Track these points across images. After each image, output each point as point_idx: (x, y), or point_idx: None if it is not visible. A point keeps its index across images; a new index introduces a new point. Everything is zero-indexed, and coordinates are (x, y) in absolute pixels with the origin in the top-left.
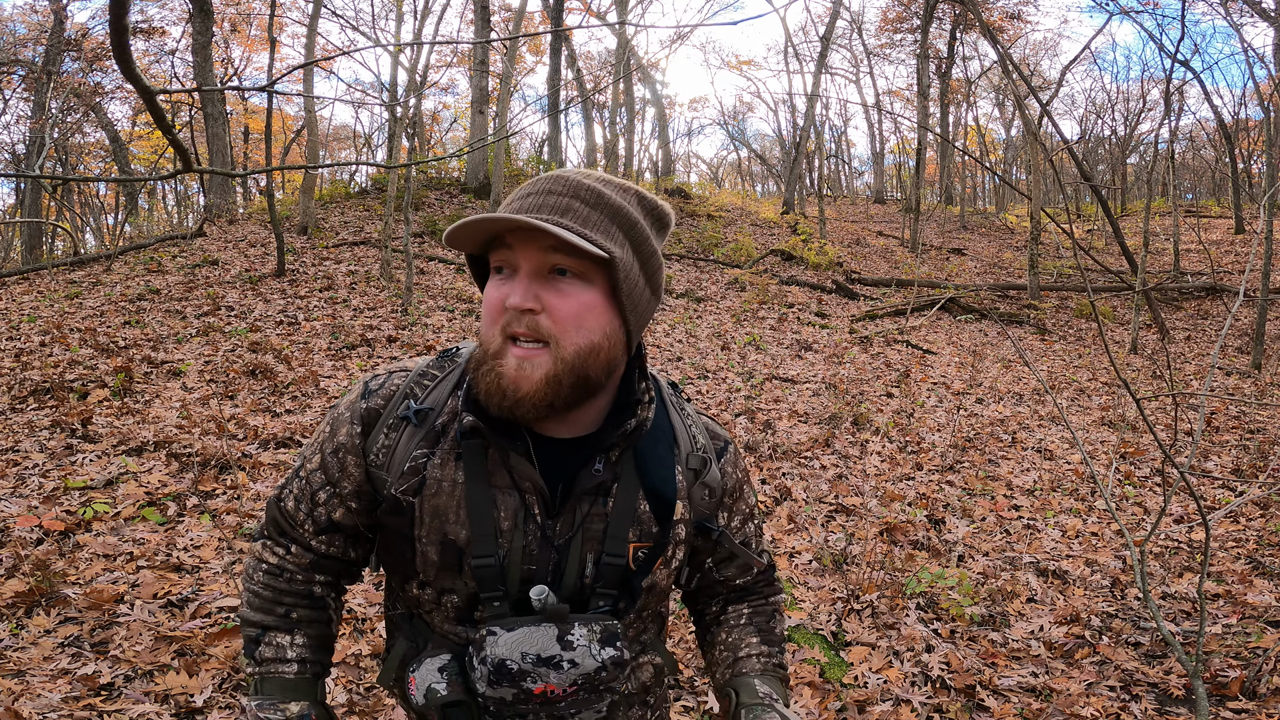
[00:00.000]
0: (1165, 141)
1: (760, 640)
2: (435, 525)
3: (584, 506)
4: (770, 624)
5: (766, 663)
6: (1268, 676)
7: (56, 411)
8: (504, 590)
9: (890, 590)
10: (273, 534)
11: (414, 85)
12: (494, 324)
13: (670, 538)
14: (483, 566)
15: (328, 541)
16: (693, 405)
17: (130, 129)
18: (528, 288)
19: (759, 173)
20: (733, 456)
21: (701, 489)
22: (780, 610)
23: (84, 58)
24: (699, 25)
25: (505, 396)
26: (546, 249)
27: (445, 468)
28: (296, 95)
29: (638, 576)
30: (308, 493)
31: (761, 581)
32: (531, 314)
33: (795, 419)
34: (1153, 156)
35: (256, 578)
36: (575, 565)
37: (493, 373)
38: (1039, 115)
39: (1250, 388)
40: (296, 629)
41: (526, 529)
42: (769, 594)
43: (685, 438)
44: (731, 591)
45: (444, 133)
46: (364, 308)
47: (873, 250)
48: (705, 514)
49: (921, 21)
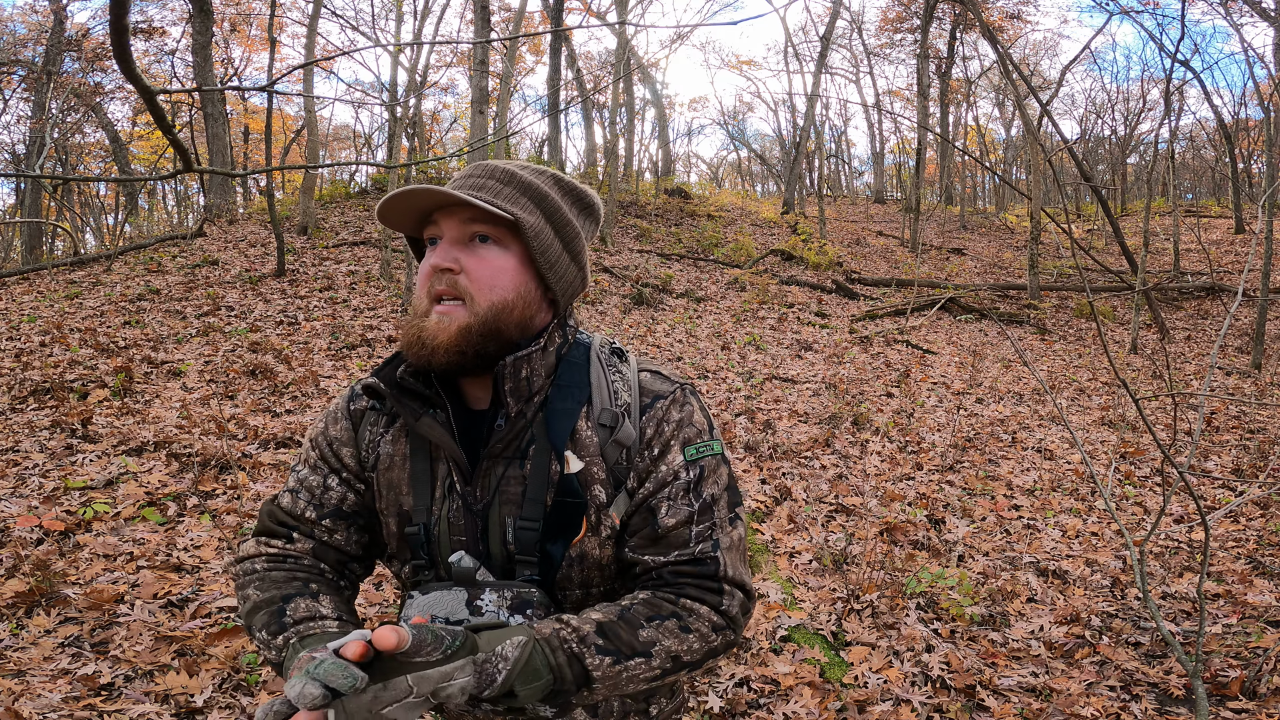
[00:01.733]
0: (1165, 141)
1: (600, 621)
2: (391, 498)
3: (499, 469)
4: (645, 620)
5: (561, 637)
6: (1268, 676)
7: (56, 411)
8: (428, 558)
9: (890, 590)
10: (269, 530)
11: (414, 85)
12: (423, 288)
13: (587, 500)
14: (410, 534)
15: (330, 529)
16: (637, 364)
17: (130, 129)
18: (447, 251)
19: (759, 173)
20: (658, 411)
21: (615, 448)
22: (686, 618)
23: (84, 58)
24: (699, 25)
25: (423, 346)
26: (466, 220)
27: (395, 443)
28: (296, 95)
29: (555, 543)
30: (307, 484)
31: (686, 576)
32: (450, 273)
33: (795, 419)
34: (1153, 156)
35: (258, 567)
36: (497, 531)
37: (415, 327)
38: (1039, 115)
39: (1250, 388)
40: (322, 594)
41: (451, 498)
42: (687, 593)
43: (603, 395)
44: (646, 574)
45: (444, 133)
46: (364, 308)
47: (873, 250)
48: (621, 475)
49: (921, 21)
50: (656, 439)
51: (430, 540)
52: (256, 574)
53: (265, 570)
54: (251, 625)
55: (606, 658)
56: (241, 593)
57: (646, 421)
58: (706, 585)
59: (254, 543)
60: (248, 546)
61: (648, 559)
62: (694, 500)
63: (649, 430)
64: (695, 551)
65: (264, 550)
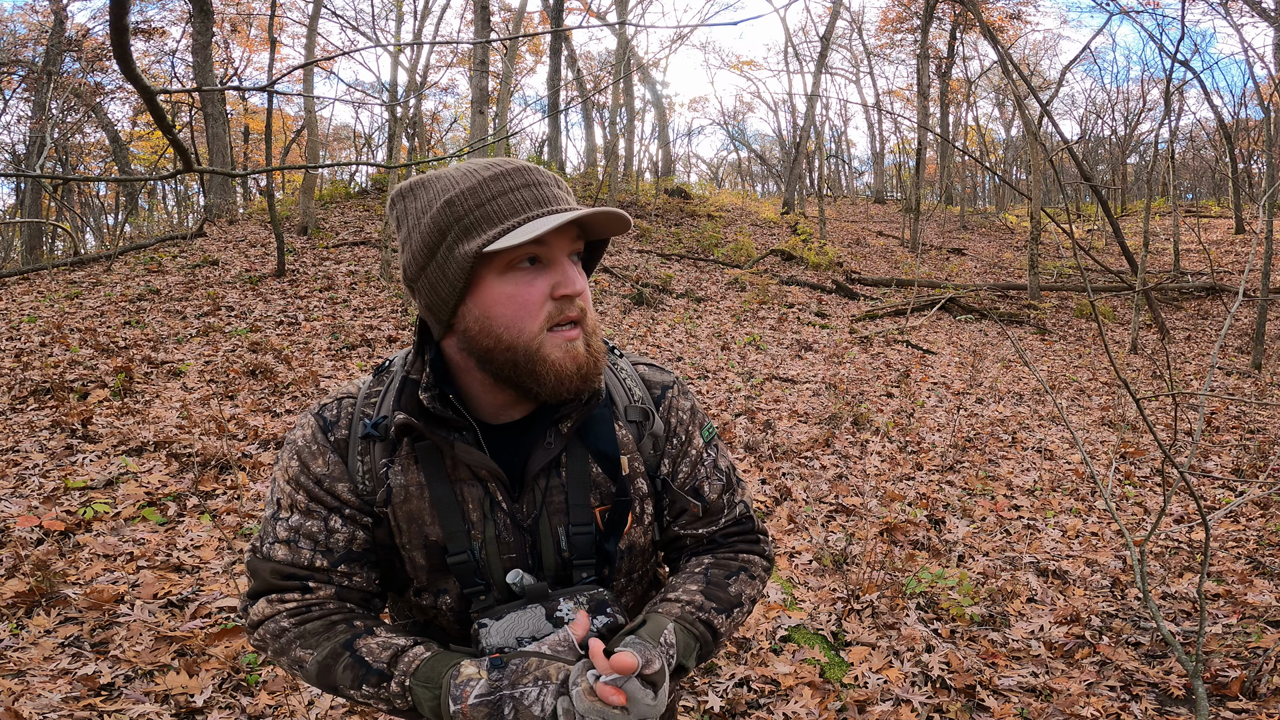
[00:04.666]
0: (1165, 141)
1: (700, 590)
2: (414, 530)
3: (541, 482)
4: (727, 579)
5: (687, 611)
6: (1268, 676)
7: (56, 411)
8: (485, 582)
9: (890, 590)
10: (275, 586)
11: (414, 85)
12: (534, 317)
13: (633, 494)
14: (459, 563)
15: (347, 573)
16: (628, 357)
17: (130, 129)
18: (576, 272)
19: (759, 173)
20: (671, 401)
21: (649, 440)
22: (750, 569)
23: (84, 58)
24: (699, 25)
25: (584, 378)
26: (574, 236)
27: (407, 473)
28: (296, 95)
29: (610, 540)
30: (305, 531)
31: (734, 535)
32: (581, 297)
33: (795, 419)
34: (1153, 156)
35: (286, 625)
36: (549, 542)
37: (566, 354)
38: (1039, 115)
39: (1250, 388)
40: (375, 627)
41: (495, 517)
42: (740, 549)
43: (621, 393)
44: (698, 544)
45: (444, 133)
46: (364, 308)
47: (873, 250)
48: (653, 465)
49: (921, 21)
50: (680, 426)
51: (479, 564)
52: (290, 632)
53: (297, 626)
54: (337, 685)
55: (723, 615)
56: (287, 657)
57: (666, 412)
58: (749, 538)
59: (264, 603)
60: (259, 609)
61: (701, 532)
62: (720, 474)
63: (671, 420)
64: (735, 514)
65: (281, 608)
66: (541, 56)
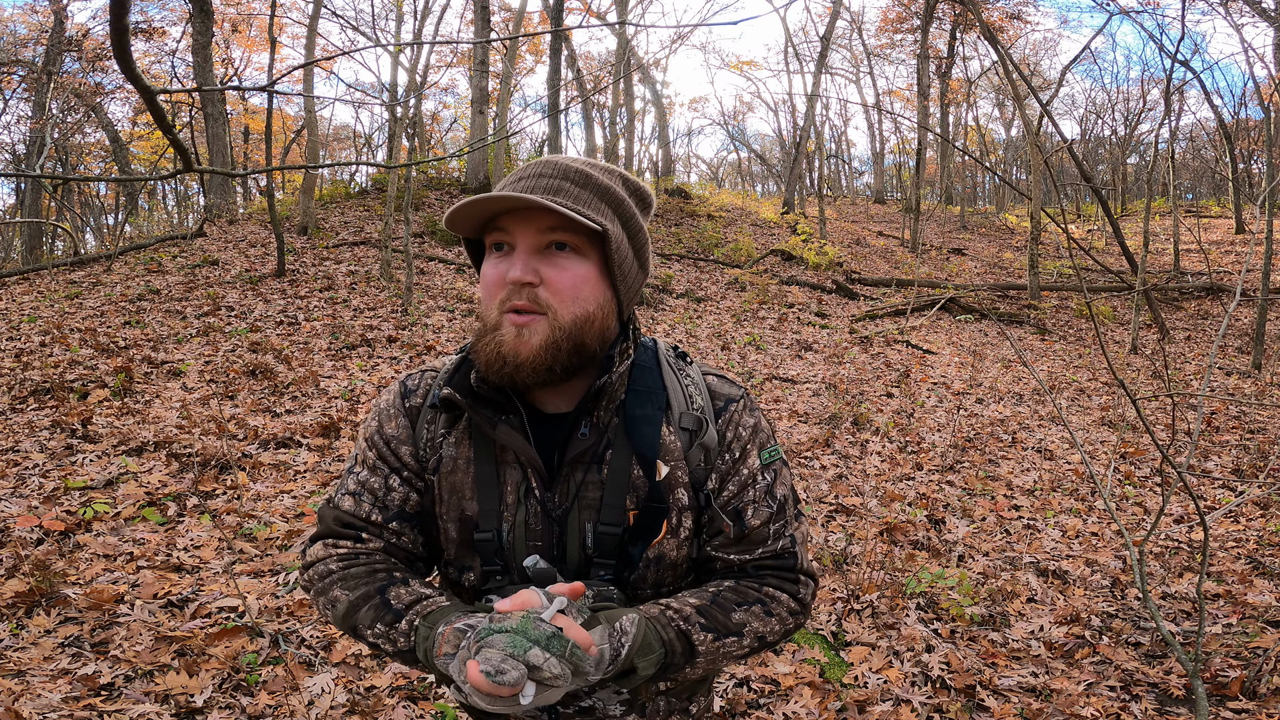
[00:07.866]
0: (1165, 142)
1: (697, 605)
2: (453, 502)
3: (578, 475)
4: (736, 604)
5: (667, 616)
6: (1268, 676)
7: (56, 411)
8: (503, 564)
9: (890, 590)
10: (334, 532)
11: (414, 85)
12: (492, 299)
13: (671, 503)
14: (483, 541)
15: (397, 530)
16: (699, 367)
17: (130, 129)
18: (526, 262)
19: (759, 173)
20: (733, 415)
21: (699, 451)
22: (770, 604)
23: (84, 58)
24: (699, 25)
25: (505, 363)
26: (543, 227)
27: (459, 446)
28: (296, 95)
29: (636, 544)
30: (369, 486)
31: (769, 568)
32: (530, 286)
33: (795, 419)
34: (1153, 156)
35: (334, 568)
36: (575, 535)
37: (493, 343)
38: (1039, 115)
39: (1250, 388)
40: (411, 579)
41: (527, 503)
42: (770, 582)
43: (680, 398)
44: (728, 569)
45: (444, 133)
46: (364, 308)
47: (873, 250)
48: (700, 478)
49: (921, 22)
50: (736, 442)
51: (503, 546)
52: (335, 574)
53: (343, 570)
54: (357, 624)
55: (708, 634)
56: (325, 596)
57: (724, 425)
58: (786, 576)
59: (320, 546)
60: (315, 551)
61: (733, 557)
62: (771, 501)
63: (728, 434)
64: (777, 548)
65: (334, 552)
66: (541, 56)
